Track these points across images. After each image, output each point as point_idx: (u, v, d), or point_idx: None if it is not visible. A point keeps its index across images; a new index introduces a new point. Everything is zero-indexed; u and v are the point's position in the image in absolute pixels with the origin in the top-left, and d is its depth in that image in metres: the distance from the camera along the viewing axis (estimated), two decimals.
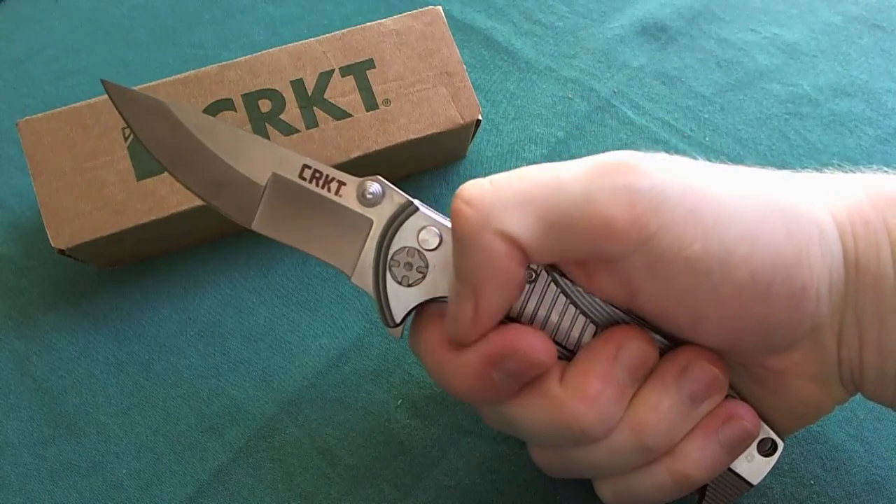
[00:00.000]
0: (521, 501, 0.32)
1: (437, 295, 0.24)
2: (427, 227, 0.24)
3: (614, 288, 0.22)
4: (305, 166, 0.24)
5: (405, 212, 0.24)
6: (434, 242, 0.23)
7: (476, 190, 0.21)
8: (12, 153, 0.38)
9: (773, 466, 0.25)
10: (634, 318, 0.24)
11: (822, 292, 0.22)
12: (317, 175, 0.24)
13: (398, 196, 0.24)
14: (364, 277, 0.24)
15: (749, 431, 0.24)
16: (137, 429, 0.33)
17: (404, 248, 0.24)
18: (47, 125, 0.32)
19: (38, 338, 0.35)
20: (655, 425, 0.23)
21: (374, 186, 0.24)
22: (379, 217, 0.24)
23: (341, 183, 0.24)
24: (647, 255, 0.21)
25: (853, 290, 0.22)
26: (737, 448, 0.24)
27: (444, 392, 0.34)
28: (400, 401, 0.34)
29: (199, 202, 0.32)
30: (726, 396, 0.24)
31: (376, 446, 0.33)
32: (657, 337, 0.24)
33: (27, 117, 0.32)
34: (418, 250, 0.23)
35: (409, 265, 0.23)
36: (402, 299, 0.24)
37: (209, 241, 0.37)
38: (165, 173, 0.32)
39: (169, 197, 0.32)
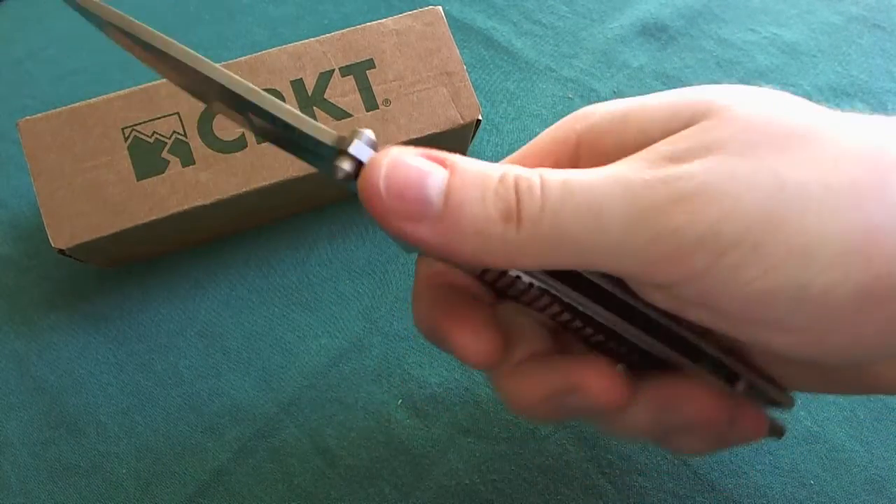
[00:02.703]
0: (521, 502, 0.32)
1: None
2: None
3: (662, 304, 0.20)
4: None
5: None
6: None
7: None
8: (12, 153, 0.38)
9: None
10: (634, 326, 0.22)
11: None
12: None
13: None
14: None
15: (751, 440, 0.24)
16: (137, 429, 0.33)
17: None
18: (47, 125, 0.32)
19: (38, 337, 0.35)
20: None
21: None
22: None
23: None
24: (695, 288, 0.18)
25: None
26: (734, 445, 0.25)
27: (445, 392, 0.34)
28: (400, 401, 0.34)
29: (199, 202, 0.32)
30: (751, 388, 0.23)
31: (376, 446, 0.33)
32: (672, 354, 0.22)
33: (27, 117, 0.32)
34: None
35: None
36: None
37: (209, 241, 0.37)
38: (166, 173, 0.32)
39: (169, 197, 0.32)
